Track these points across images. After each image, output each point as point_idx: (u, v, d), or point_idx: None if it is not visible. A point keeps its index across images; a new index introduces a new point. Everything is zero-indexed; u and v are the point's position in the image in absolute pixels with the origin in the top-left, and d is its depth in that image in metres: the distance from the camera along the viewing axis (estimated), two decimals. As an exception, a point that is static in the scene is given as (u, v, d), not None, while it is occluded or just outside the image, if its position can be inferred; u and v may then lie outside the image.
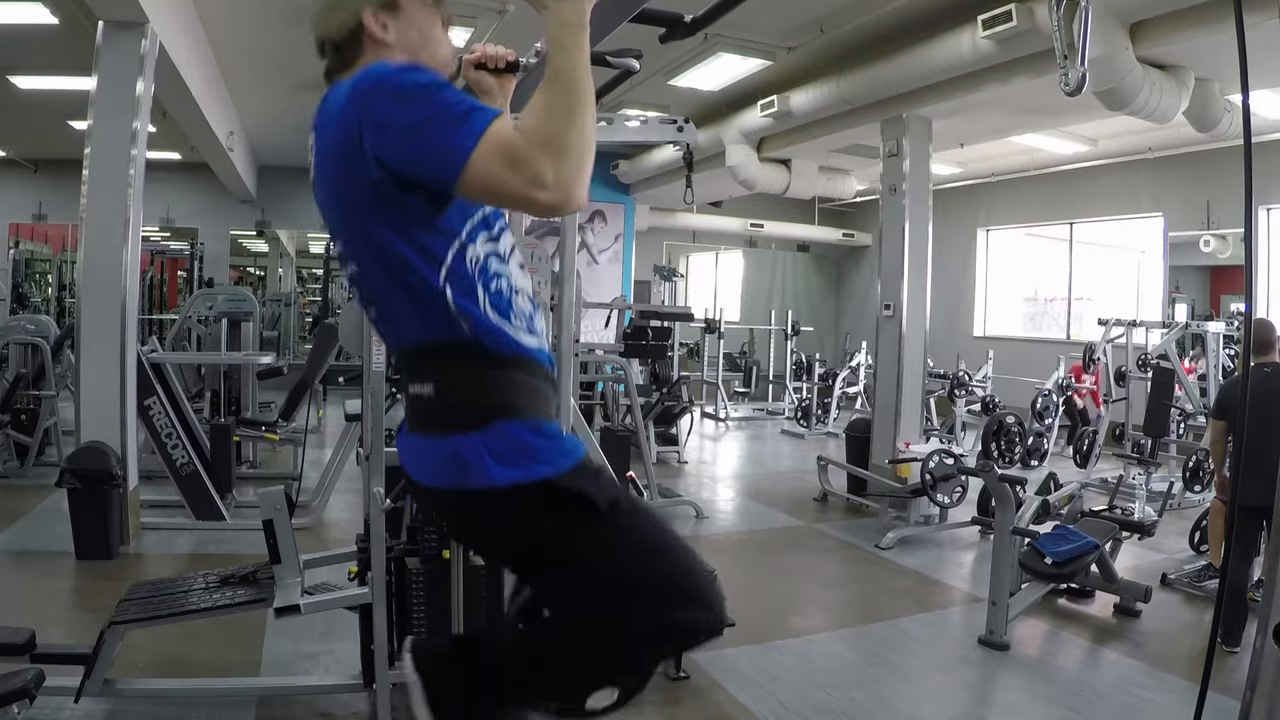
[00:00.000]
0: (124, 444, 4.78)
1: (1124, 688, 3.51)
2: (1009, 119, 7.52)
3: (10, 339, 6.80)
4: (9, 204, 11.82)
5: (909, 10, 6.02)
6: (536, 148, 1.15)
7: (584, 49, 1.22)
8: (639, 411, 6.84)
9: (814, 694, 3.37)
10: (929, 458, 5.67)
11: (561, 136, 1.16)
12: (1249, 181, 1.38)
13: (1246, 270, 4.42)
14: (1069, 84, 3.69)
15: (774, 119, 7.99)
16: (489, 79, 1.62)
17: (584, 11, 1.23)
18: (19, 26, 6.24)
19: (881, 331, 6.79)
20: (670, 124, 3.99)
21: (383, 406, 3.40)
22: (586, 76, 1.21)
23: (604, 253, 12.32)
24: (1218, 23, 4.71)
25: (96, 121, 4.78)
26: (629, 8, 2.21)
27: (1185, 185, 9.43)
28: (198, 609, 2.95)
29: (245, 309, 7.57)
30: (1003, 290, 12.57)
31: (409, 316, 1.33)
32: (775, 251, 15.05)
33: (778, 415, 11.87)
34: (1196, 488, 6.38)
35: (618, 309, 9.25)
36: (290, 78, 8.05)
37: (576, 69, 1.19)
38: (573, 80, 1.19)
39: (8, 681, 2.25)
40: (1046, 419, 8.43)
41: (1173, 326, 7.40)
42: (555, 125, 1.16)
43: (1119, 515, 5.01)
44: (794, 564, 5.28)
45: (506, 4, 5.94)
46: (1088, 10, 3.37)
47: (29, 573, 4.45)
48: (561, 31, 1.21)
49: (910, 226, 6.65)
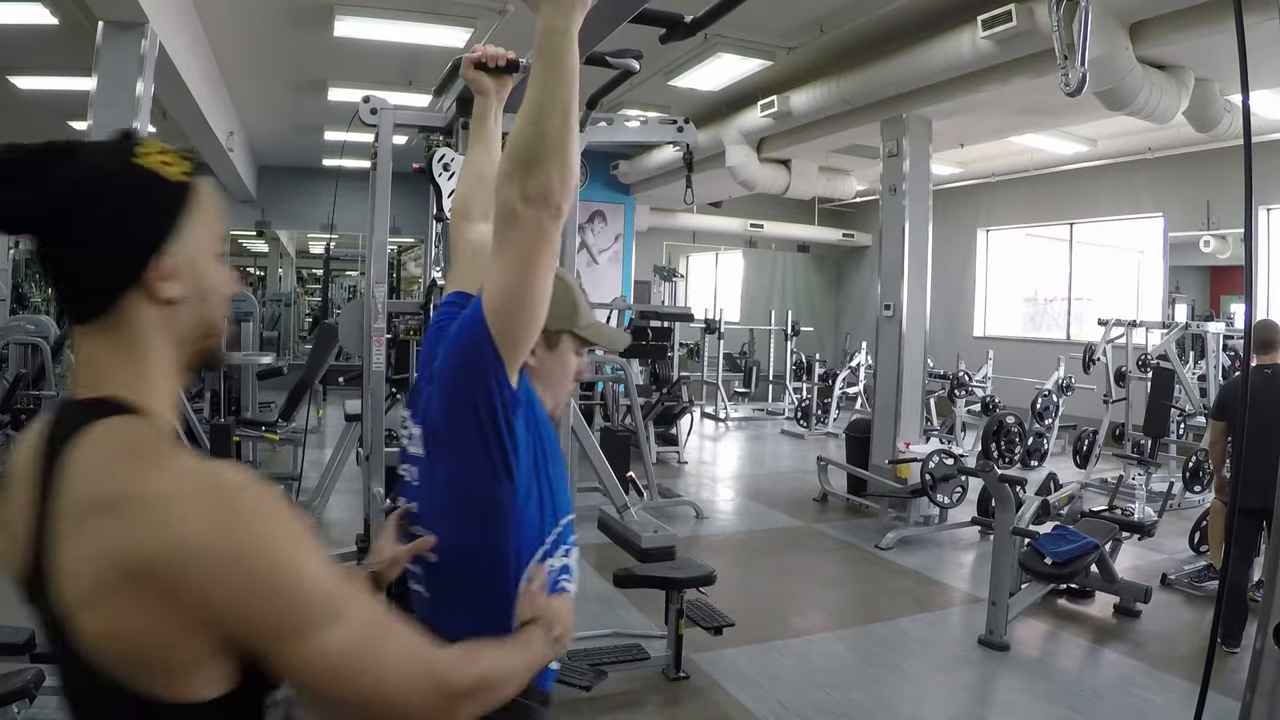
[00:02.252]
0: (124, 444, 4.77)
1: (1124, 688, 3.51)
2: (1009, 119, 7.52)
3: (10, 339, 6.80)
4: (9, 204, 11.82)
5: (909, 10, 6.01)
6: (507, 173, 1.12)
7: (566, 55, 1.12)
8: (639, 411, 6.85)
9: (814, 694, 3.37)
10: (929, 458, 5.67)
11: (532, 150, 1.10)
12: (1249, 181, 1.38)
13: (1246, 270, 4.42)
14: (1069, 84, 3.69)
15: (774, 119, 7.99)
16: (487, 79, 1.61)
17: (570, 17, 1.13)
18: (19, 26, 6.23)
19: (881, 332, 6.79)
20: (670, 124, 4.01)
21: (383, 407, 3.40)
22: (564, 86, 1.11)
23: (604, 253, 12.31)
24: (1218, 23, 4.71)
25: (96, 121, 4.77)
26: (629, 8, 2.21)
27: (1185, 185, 9.43)
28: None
29: (245, 309, 7.57)
30: (1002, 290, 12.57)
31: (466, 608, 1.25)
32: (775, 252, 15.05)
33: (778, 415, 11.87)
34: (1196, 488, 6.38)
35: (618, 309, 9.25)
36: (290, 78, 8.05)
37: (551, 80, 1.11)
38: (542, 91, 1.11)
39: (8, 681, 2.25)
40: (1046, 419, 8.43)
41: (1173, 327, 7.40)
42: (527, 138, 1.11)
43: (1119, 516, 5.01)
44: (794, 564, 5.28)
45: (506, 4, 5.94)
46: (1087, 10, 3.37)
47: (29, 573, 4.45)
48: (545, 38, 1.13)
49: (910, 226, 6.65)
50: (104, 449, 0.76)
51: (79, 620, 0.73)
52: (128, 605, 0.71)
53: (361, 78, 7.56)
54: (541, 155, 1.09)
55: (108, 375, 0.81)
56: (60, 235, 0.78)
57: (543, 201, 1.10)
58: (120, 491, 0.73)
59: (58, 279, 0.81)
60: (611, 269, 12.35)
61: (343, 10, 6.05)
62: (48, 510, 0.76)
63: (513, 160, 1.11)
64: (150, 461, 0.76)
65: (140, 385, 0.82)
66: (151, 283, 0.81)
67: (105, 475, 0.75)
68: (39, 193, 0.76)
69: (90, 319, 0.81)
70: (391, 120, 3.41)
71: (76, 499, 0.74)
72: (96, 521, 0.73)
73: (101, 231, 0.78)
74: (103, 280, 0.80)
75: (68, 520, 0.74)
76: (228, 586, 0.73)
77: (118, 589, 0.71)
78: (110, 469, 0.75)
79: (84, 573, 0.72)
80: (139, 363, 0.82)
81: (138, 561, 0.71)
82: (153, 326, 0.82)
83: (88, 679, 0.75)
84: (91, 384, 0.81)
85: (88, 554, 0.72)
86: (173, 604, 0.72)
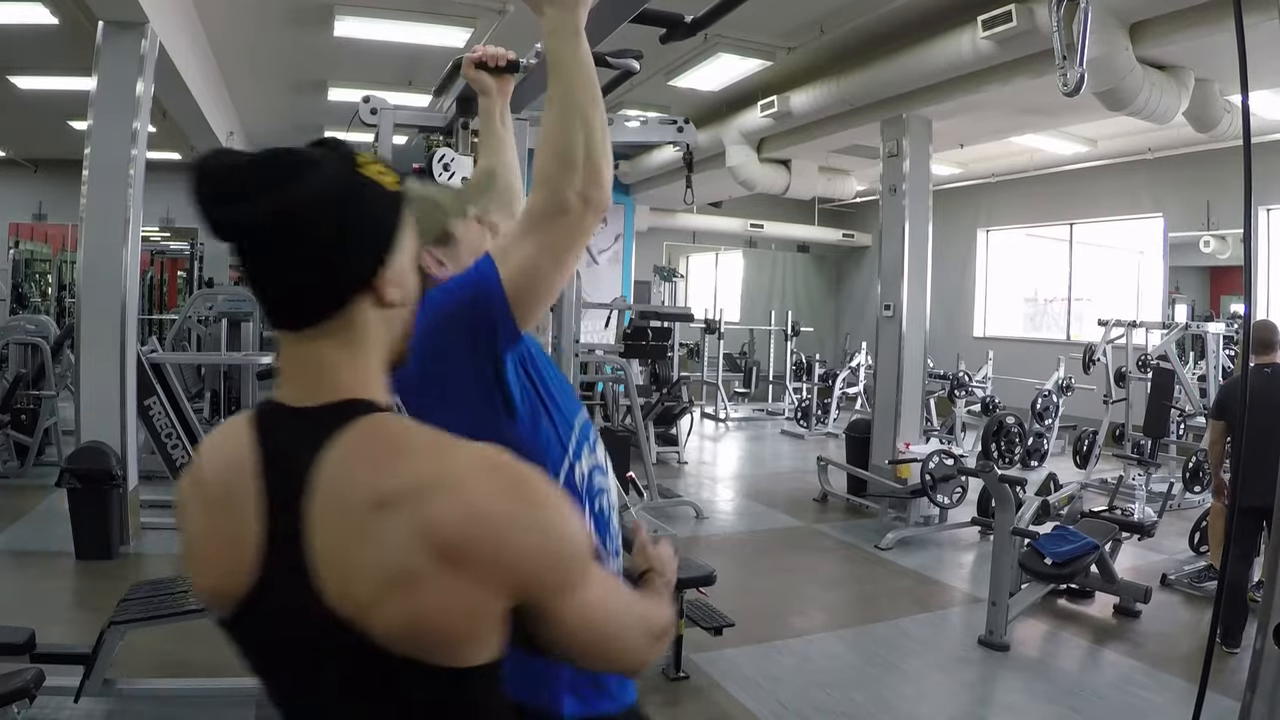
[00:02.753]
0: (124, 444, 4.78)
1: (1124, 688, 3.51)
2: (1009, 119, 7.52)
3: (10, 339, 6.80)
4: (9, 204, 11.82)
5: (909, 10, 6.02)
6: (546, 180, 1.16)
7: (579, 55, 1.17)
8: (639, 412, 6.85)
9: (814, 694, 3.37)
10: (929, 458, 5.67)
11: (569, 153, 1.15)
12: (1249, 182, 1.38)
13: (1246, 270, 4.42)
14: (1067, 84, 3.69)
15: (774, 119, 7.99)
16: (488, 79, 1.61)
17: (575, 19, 1.17)
18: (19, 26, 6.23)
19: (881, 332, 6.79)
20: (670, 124, 4.01)
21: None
22: (584, 87, 1.16)
23: (604, 253, 12.31)
24: (1218, 23, 4.71)
25: (96, 121, 4.78)
26: (629, 8, 2.22)
27: (1185, 185, 9.42)
28: (198, 609, 2.95)
29: (245, 309, 7.57)
30: (1003, 290, 12.57)
31: None
32: (775, 252, 15.05)
33: (778, 416, 11.87)
34: (1196, 488, 6.38)
35: (618, 309, 9.25)
36: (290, 78, 8.05)
37: (571, 82, 1.16)
38: (567, 94, 1.16)
39: (8, 681, 2.25)
40: (1046, 419, 8.43)
41: (1173, 327, 7.40)
42: (565, 143, 1.15)
43: (1119, 516, 5.01)
44: (794, 564, 5.28)
45: (506, 4, 5.94)
46: (1087, 11, 3.37)
47: (29, 573, 4.45)
48: (554, 41, 1.17)
49: (910, 227, 6.65)
50: (374, 446, 0.80)
51: (377, 611, 0.75)
52: (439, 585, 0.75)
53: (361, 78, 7.57)
54: (601, 159, 1.16)
55: (336, 377, 0.84)
56: (297, 243, 0.80)
57: (597, 205, 1.16)
58: (414, 482, 0.77)
59: (281, 285, 0.82)
60: (611, 269, 12.35)
61: (343, 10, 6.05)
62: (304, 517, 0.77)
63: (573, 159, 1.15)
64: (430, 450, 0.80)
65: (368, 384, 0.86)
66: (380, 287, 0.85)
67: (387, 470, 0.78)
68: (282, 201, 0.78)
69: (315, 324, 0.83)
70: (391, 120, 3.41)
71: (357, 498, 0.76)
72: (392, 514, 0.75)
73: (340, 239, 0.82)
74: (338, 285, 0.83)
75: (349, 520, 0.76)
76: (529, 552, 0.79)
77: (430, 572, 0.75)
78: (391, 463, 0.78)
79: (385, 564, 0.75)
80: (364, 362, 0.86)
81: (451, 542, 0.75)
82: (374, 328, 0.86)
83: (371, 668, 0.77)
84: (316, 387, 0.83)
85: (390, 546, 0.75)
86: (484, 575, 0.77)
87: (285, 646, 0.81)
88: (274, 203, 0.78)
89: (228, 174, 0.79)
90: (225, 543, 0.82)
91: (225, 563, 0.82)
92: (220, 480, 0.84)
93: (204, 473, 0.86)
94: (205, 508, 0.84)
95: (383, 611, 0.75)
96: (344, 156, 0.84)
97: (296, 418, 0.82)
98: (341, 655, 0.78)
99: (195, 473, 0.87)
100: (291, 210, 0.79)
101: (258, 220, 0.79)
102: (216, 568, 0.82)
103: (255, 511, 0.80)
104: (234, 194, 0.78)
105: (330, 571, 0.76)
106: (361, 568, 0.75)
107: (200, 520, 0.84)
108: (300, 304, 0.83)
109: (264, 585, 0.80)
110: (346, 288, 0.83)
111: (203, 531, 0.84)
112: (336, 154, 0.83)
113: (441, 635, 0.77)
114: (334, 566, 0.76)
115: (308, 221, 0.79)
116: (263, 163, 0.80)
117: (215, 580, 0.83)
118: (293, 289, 0.82)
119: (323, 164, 0.81)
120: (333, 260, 0.82)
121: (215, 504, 0.83)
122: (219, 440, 0.88)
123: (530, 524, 0.79)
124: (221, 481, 0.83)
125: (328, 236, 0.81)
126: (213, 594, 0.84)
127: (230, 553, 0.81)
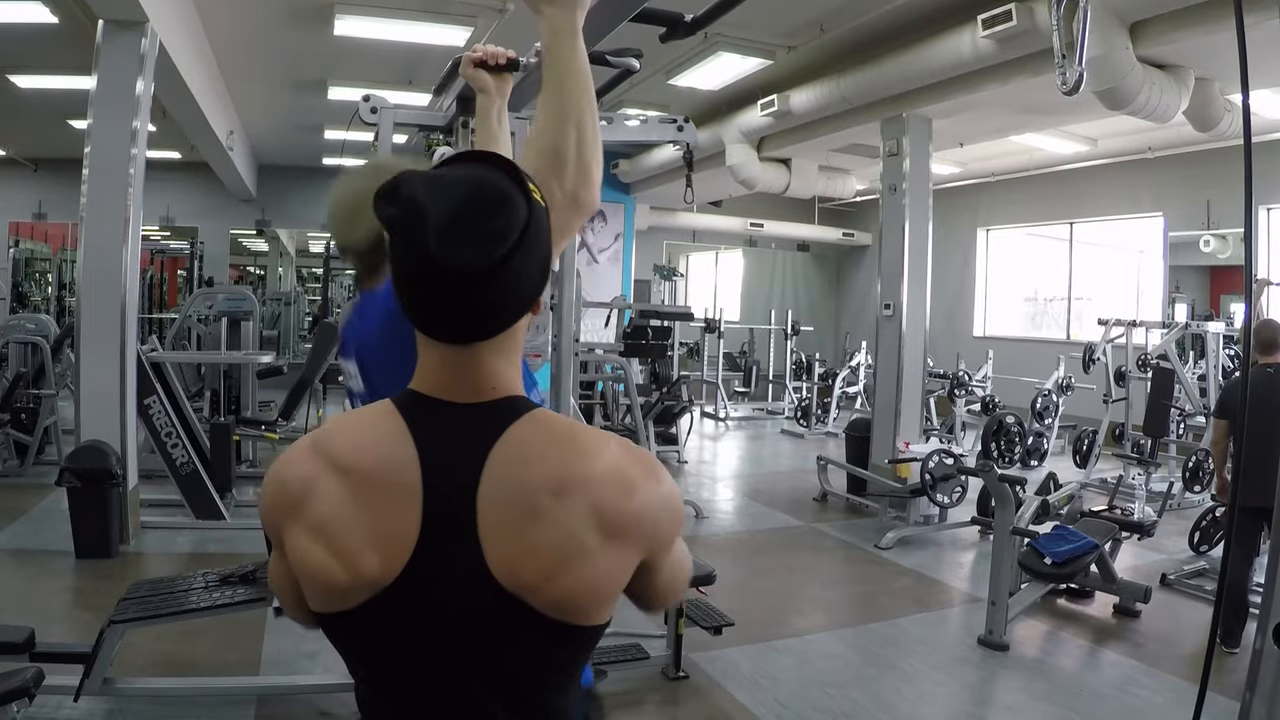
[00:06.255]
0: (124, 443, 4.78)
1: (1123, 688, 3.51)
2: (1009, 119, 7.52)
3: (10, 338, 6.80)
4: (9, 203, 11.81)
5: (909, 10, 6.01)
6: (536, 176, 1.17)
7: (576, 55, 1.18)
8: (639, 411, 6.85)
9: (814, 694, 3.37)
10: (929, 458, 5.67)
11: (561, 152, 1.17)
12: (1249, 181, 1.38)
13: (1246, 270, 4.42)
14: (1067, 83, 3.69)
15: (774, 118, 7.99)
16: (487, 77, 1.61)
17: (574, 19, 1.18)
18: (19, 26, 6.23)
19: (881, 331, 6.79)
20: (670, 123, 4.00)
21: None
22: (580, 87, 1.17)
23: (604, 252, 12.30)
24: (1218, 23, 4.71)
25: (96, 121, 4.78)
26: (629, 7, 2.21)
27: (1185, 185, 9.42)
28: (197, 608, 2.95)
29: (245, 308, 7.56)
30: (1003, 290, 12.57)
31: None
32: (775, 251, 15.04)
33: (777, 415, 11.87)
34: (1196, 488, 6.37)
35: (618, 308, 9.26)
36: (290, 77, 8.05)
37: (567, 82, 1.17)
38: (563, 94, 1.17)
39: (7, 680, 2.25)
40: (1046, 419, 8.43)
41: (1173, 327, 7.40)
42: (557, 142, 1.17)
43: (1119, 515, 5.01)
44: (794, 564, 5.28)
45: (506, 3, 5.93)
46: (1087, 10, 3.37)
47: (29, 572, 4.45)
48: (552, 41, 1.18)
49: (910, 226, 6.65)
50: (548, 438, 0.88)
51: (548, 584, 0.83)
52: (603, 557, 0.85)
53: (361, 77, 7.56)
54: (592, 159, 1.19)
55: (499, 379, 0.91)
56: (510, 277, 0.85)
57: (585, 205, 1.21)
58: (586, 470, 0.86)
59: (482, 312, 0.87)
60: (611, 268, 12.34)
61: (343, 9, 6.04)
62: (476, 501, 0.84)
63: (565, 157, 1.18)
64: (594, 441, 0.89)
65: (517, 382, 0.93)
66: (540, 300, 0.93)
67: (567, 460, 0.86)
68: (506, 248, 0.84)
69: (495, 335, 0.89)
70: (391, 119, 3.41)
71: (538, 484, 0.84)
72: (569, 499, 0.84)
73: (536, 266, 0.89)
74: (525, 305, 0.90)
75: (527, 504, 0.84)
76: (666, 519, 0.90)
77: (596, 546, 0.84)
78: (567, 453, 0.87)
79: (561, 543, 0.83)
80: (516, 361, 0.94)
81: (616, 519, 0.85)
82: (522, 333, 0.94)
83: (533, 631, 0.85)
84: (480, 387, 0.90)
85: (568, 527, 0.84)
86: (635, 543, 0.88)
87: (452, 622, 0.86)
88: (500, 250, 0.83)
89: (450, 224, 0.82)
90: (382, 530, 0.85)
91: (382, 548, 0.84)
92: (375, 469, 0.86)
93: (350, 463, 0.87)
94: (356, 497, 0.85)
95: (554, 583, 0.83)
96: (520, 182, 0.88)
97: (465, 413, 0.89)
98: (506, 623, 0.84)
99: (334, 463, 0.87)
100: (512, 253, 0.84)
101: (486, 266, 0.83)
102: (371, 554, 0.84)
103: (418, 498, 0.85)
104: (461, 241, 0.82)
105: (500, 549, 0.83)
106: (537, 545, 0.83)
107: (347, 509, 0.85)
108: (493, 325, 0.88)
109: (429, 566, 0.84)
110: (527, 306, 0.90)
111: (351, 520, 0.85)
112: (518, 184, 0.87)
113: (598, 599, 0.87)
114: (505, 544, 0.83)
115: (518, 257, 0.85)
116: (480, 210, 0.84)
117: (367, 567, 0.84)
118: (490, 313, 0.87)
119: (518, 200, 0.86)
120: (533, 284, 0.89)
121: (370, 492, 0.85)
122: (357, 434, 0.90)
123: (665, 495, 0.90)
124: (377, 470, 0.86)
125: (531, 267, 0.87)
126: (359, 581, 0.84)
127: (389, 539, 0.85)
